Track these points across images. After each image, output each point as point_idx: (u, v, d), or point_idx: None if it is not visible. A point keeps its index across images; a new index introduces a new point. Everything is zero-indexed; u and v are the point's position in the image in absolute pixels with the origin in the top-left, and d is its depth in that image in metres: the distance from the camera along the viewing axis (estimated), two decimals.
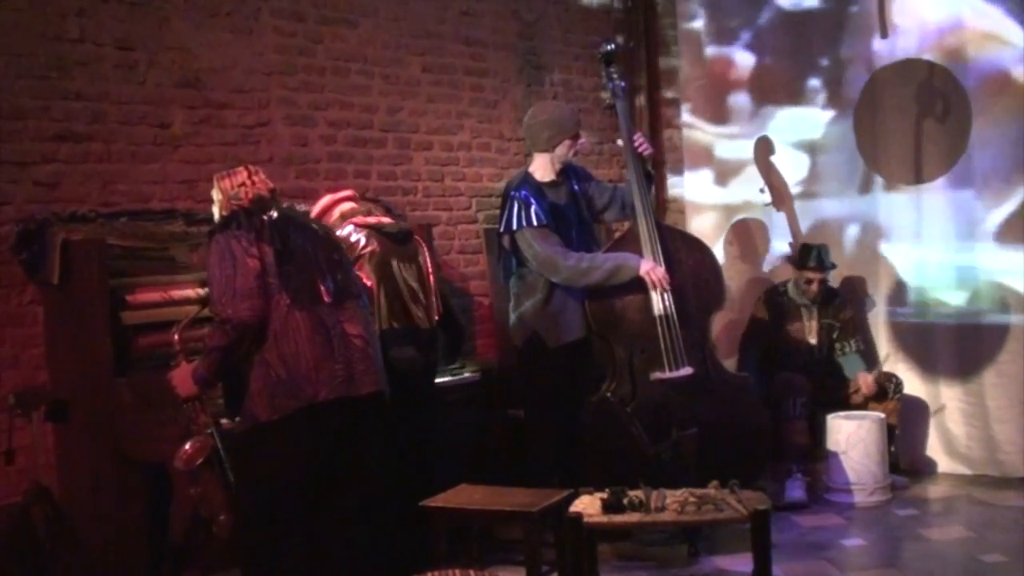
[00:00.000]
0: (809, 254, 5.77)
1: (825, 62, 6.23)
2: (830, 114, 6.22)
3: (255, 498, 3.49)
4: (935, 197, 5.83)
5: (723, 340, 6.16)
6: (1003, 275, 5.69)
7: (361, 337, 3.56)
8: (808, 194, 6.29)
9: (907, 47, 5.87)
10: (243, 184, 3.63)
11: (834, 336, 5.78)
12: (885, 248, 6.04)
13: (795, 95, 6.33)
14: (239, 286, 3.39)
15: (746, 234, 6.53)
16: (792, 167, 6.33)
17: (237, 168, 3.71)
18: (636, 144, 4.97)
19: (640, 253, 4.85)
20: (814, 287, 5.75)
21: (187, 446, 3.52)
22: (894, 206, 5.99)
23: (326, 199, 4.51)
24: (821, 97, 6.27)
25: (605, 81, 5.20)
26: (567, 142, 4.85)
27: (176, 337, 3.62)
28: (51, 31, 4.26)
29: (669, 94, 6.78)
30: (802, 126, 6.32)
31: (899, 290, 6.02)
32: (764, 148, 6.42)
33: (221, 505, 3.54)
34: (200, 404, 3.56)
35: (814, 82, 6.29)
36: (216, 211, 3.68)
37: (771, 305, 5.88)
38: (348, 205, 4.48)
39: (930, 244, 5.89)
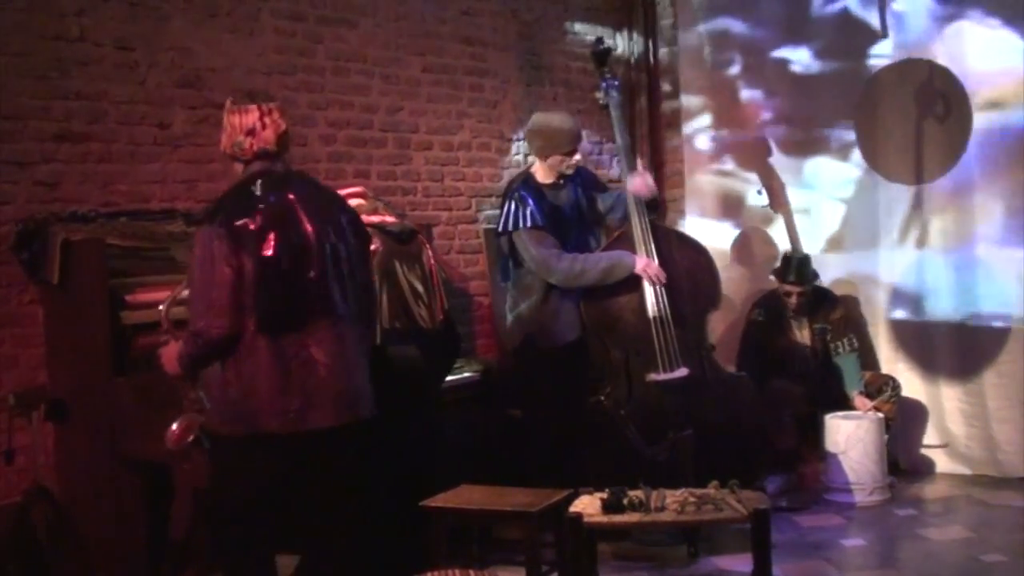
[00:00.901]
0: (788, 268, 5.74)
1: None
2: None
3: (217, 504, 3.38)
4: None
5: (726, 342, 6.14)
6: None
7: (327, 366, 3.24)
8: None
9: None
10: (251, 131, 3.32)
11: (828, 338, 5.76)
12: (885, 251, 6.05)
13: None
14: (214, 298, 3.16)
15: (753, 241, 6.49)
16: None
17: (250, 106, 3.36)
18: (634, 188, 4.92)
19: (634, 253, 4.86)
20: (793, 300, 5.74)
21: (174, 426, 3.39)
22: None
23: None
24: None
25: (598, 81, 5.20)
26: (559, 157, 4.84)
27: (163, 314, 3.47)
28: (51, 31, 4.25)
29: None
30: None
31: (899, 291, 6.02)
32: (762, 150, 6.41)
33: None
34: (191, 382, 3.42)
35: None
36: (223, 139, 3.42)
37: (762, 314, 5.86)
38: (355, 202, 4.46)
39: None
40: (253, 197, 3.26)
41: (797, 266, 5.72)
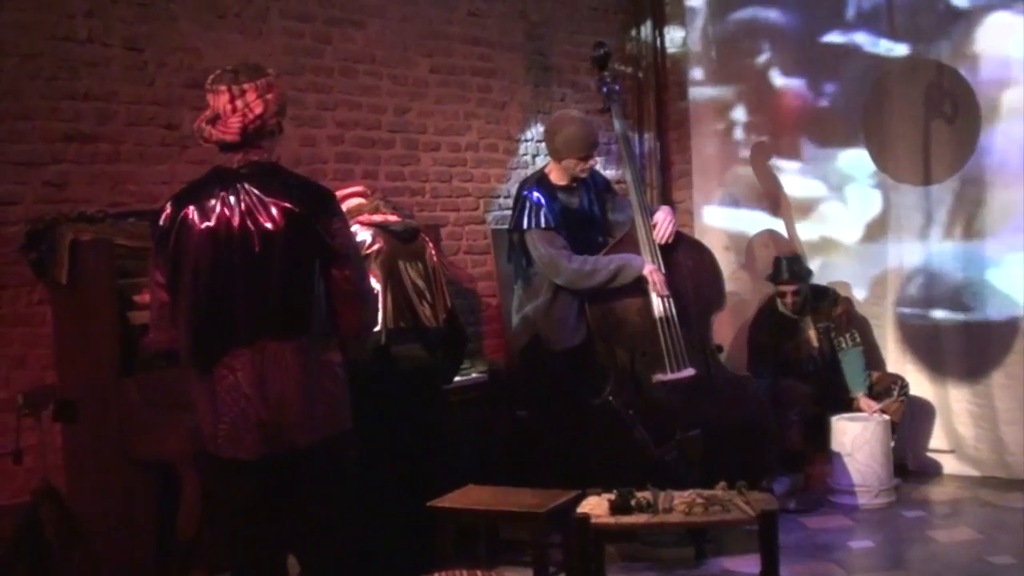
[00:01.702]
0: (780, 269, 5.74)
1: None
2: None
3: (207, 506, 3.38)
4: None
5: (739, 345, 6.12)
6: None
7: (248, 396, 2.90)
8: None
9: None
10: (214, 119, 2.93)
11: (832, 336, 5.75)
12: (893, 249, 6.02)
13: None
14: (152, 312, 3.02)
15: (763, 245, 6.46)
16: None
17: (220, 87, 2.94)
18: (655, 231, 4.89)
19: (638, 255, 4.85)
20: (789, 299, 5.73)
21: None
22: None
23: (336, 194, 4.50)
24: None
25: (598, 85, 5.20)
26: (573, 160, 4.84)
27: None
28: (60, 32, 4.27)
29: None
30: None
31: (907, 290, 6.00)
32: (762, 153, 6.39)
33: None
34: None
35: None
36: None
37: (766, 325, 5.85)
38: (355, 201, 4.45)
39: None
40: (185, 209, 2.94)
41: (788, 265, 5.72)
